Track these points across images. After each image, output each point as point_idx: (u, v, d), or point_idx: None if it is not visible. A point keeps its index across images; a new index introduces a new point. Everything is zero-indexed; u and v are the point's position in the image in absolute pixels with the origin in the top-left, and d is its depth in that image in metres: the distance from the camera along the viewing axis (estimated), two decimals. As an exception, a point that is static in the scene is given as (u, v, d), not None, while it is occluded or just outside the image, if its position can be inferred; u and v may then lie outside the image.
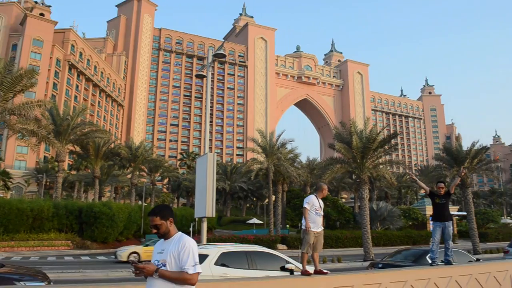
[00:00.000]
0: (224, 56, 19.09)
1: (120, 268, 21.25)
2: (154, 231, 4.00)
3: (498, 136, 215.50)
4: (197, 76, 19.42)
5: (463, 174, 12.36)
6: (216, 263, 9.26)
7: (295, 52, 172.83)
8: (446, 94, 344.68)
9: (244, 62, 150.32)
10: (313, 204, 8.21)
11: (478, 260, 14.07)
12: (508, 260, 11.85)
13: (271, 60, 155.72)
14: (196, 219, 33.94)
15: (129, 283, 6.99)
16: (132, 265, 3.81)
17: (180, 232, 4.03)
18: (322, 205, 8.38)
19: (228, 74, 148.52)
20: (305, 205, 8.21)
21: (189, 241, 3.89)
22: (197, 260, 3.85)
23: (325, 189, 8.48)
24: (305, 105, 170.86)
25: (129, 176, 64.35)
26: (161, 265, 3.85)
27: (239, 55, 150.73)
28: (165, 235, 3.99)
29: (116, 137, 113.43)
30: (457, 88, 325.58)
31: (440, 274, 9.46)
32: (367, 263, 20.97)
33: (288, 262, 10.05)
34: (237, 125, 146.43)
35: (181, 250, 3.83)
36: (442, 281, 9.40)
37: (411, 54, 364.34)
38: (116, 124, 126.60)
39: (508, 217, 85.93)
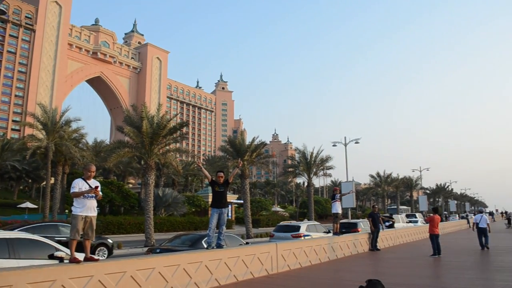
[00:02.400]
0: (4, 12, 16.45)
1: None
2: None
3: (277, 135, 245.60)
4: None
5: (240, 165, 13.46)
6: (-34, 253, 7.94)
7: (93, 25, 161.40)
8: (238, 91, 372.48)
9: (32, 25, 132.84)
10: (81, 188, 7.73)
11: (247, 243, 15.56)
12: (271, 243, 13.39)
13: (65, 29, 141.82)
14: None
15: None
16: None
17: None
18: (97, 185, 7.84)
19: (10, 35, 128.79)
20: (72, 190, 7.68)
21: None
22: None
23: (91, 170, 8.00)
24: (98, 84, 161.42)
25: None
26: None
27: (26, 16, 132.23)
28: None
29: None
30: (247, 87, 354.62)
31: (211, 257, 10.06)
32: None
33: (58, 250, 9.30)
34: (16, 96, 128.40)
35: None
36: (212, 263, 10.02)
37: (211, 48, 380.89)
38: None
39: (278, 206, 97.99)
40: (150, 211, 28.38)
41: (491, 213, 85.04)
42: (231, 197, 60.07)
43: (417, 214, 49.11)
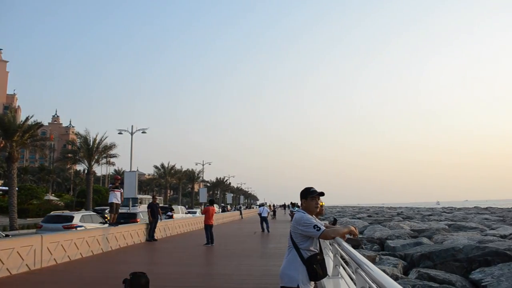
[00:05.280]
0: None
1: None
2: None
3: (58, 117, 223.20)
4: None
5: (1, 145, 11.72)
6: None
7: None
8: (15, 63, 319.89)
9: None
10: None
11: (7, 236, 13.70)
12: (35, 235, 12.06)
13: None
14: None
15: None
16: None
17: None
18: None
19: None
20: None
21: None
22: None
23: None
24: None
25: None
26: None
27: None
28: None
29: None
30: (29, 60, 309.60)
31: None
32: None
33: None
34: None
35: None
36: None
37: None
38: None
39: (53, 194, 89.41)
40: None
41: (261, 205, 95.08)
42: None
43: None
